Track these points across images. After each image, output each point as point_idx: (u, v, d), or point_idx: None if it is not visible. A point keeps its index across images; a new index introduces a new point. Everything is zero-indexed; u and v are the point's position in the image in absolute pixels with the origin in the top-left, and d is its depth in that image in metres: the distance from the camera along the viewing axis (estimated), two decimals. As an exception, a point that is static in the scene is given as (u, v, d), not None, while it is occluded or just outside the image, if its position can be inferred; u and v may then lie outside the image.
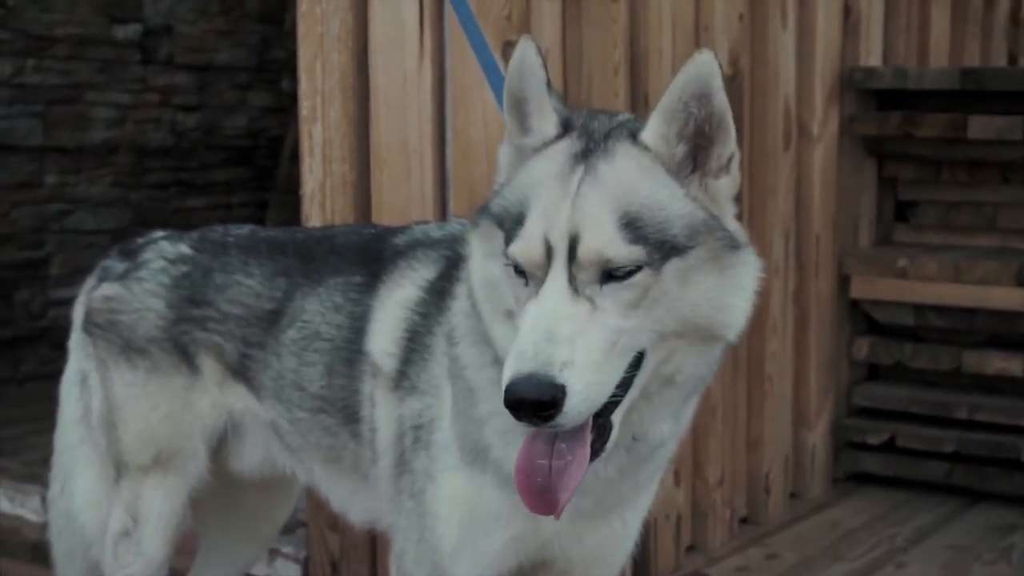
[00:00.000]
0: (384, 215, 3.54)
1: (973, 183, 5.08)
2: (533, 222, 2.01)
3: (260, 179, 7.98)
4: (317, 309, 2.64)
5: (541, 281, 1.99)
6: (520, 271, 2.02)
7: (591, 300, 1.97)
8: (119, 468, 2.86)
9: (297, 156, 3.90)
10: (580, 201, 2.00)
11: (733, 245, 2.08)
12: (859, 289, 5.01)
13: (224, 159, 7.81)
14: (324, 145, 3.69)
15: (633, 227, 1.99)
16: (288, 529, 3.76)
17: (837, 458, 5.05)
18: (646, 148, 2.09)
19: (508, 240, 2.04)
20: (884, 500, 4.89)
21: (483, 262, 2.15)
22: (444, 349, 2.37)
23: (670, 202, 2.04)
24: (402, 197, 3.57)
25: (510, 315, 2.09)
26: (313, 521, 3.86)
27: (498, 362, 2.20)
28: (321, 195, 3.71)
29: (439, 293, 2.42)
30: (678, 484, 4.15)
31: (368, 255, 2.64)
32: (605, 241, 1.98)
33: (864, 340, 5.08)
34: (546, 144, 2.12)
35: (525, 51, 2.10)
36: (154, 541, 2.84)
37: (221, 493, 2.98)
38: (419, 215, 3.45)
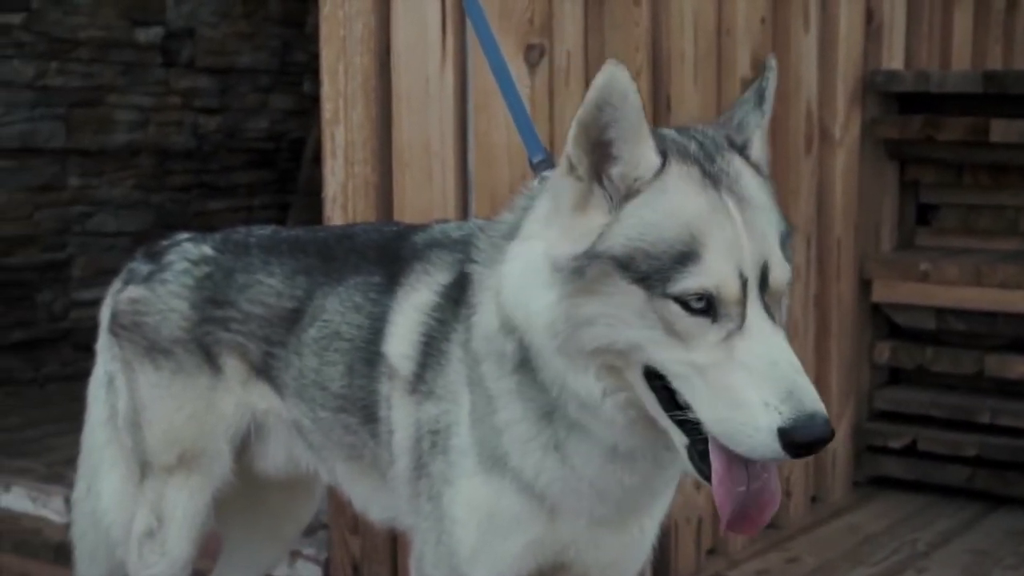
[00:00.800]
0: (406, 217, 3.54)
1: (995, 186, 5.07)
2: (718, 257, 1.97)
3: (282, 181, 8.00)
4: (337, 308, 2.64)
5: (738, 316, 1.98)
6: (697, 309, 1.98)
7: (782, 324, 2.03)
8: (144, 468, 2.87)
9: (319, 158, 3.90)
10: (752, 230, 2.01)
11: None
12: (880, 293, 5.00)
13: (246, 161, 7.84)
14: (346, 147, 3.69)
15: (783, 245, 2.06)
16: (309, 531, 3.77)
17: (858, 462, 5.04)
18: (756, 164, 2.15)
19: (664, 280, 1.97)
20: (905, 504, 4.88)
21: (568, 301, 2.06)
22: (461, 356, 2.36)
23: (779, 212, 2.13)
24: (424, 200, 3.58)
25: (595, 354, 2.06)
26: (334, 523, 3.87)
27: (517, 371, 2.21)
28: (343, 197, 3.72)
29: (455, 299, 2.41)
30: (699, 488, 4.14)
31: (388, 254, 2.63)
32: (784, 265, 2.04)
33: (885, 344, 5.07)
34: (656, 175, 2.05)
35: (614, 74, 2.01)
36: (178, 541, 2.85)
37: (244, 494, 2.99)
38: (441, 218, 3.45)
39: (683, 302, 1.97)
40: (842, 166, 4.80)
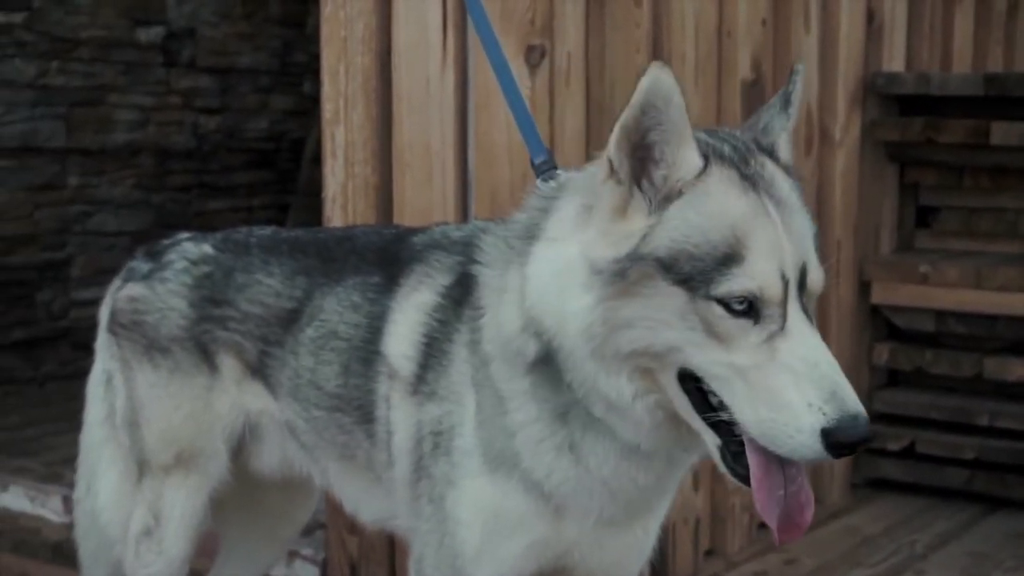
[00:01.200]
0: (406, 218, 3.54)
1: (995, 189, 5.07)
2: (761, 259, 2.00)
3: (282, 182, 8.01)
4: (335, 308, 2.64)
5: (780, 318, 2.00)
6: (740, 311, 1.99)
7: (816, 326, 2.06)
8: (142, 467, 2.87)
9: (319, 159, 3.90)
10: (791, 232, 2.04)
11: None
12: (880, 295, 5.00)
13: (246, 162, 7.84)
14: (347, 148, 3.69)
15: (816, 247, 2.09)
16: (307, 531, 3.77)
17: (856, 464, 5.04)
18: (786, 167, 2.18)
19: (708, 282, 1.99)
20: (903, 506, 4.88)
21: (606, 304, 2.06)
22: (465, 356, 2.36)
23: None
24: (424, 200, 3.58)
25: (631, 356, 2.07)
26: (332, 523, 3.86)
27: (531, 372, 2.21)
28: (343, 198, 3.72)
29: (457, 300, 2.41)
30: (697, 489, 4.14)
31: (387, 256, 2.63)
32: (820, 267, 2.07)
33: (884, 346, 5.07)
34: (698, 177, 2.06)
35: (659, 78, 2.01)
36: (175, 540, 2.85)
37: (242, 494, 2.99)
38: (441, 218, 3.45)
39: (725, 304, 1.99)
40: (842, 168, 4.80)
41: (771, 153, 2.18)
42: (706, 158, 2.07)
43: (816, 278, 2.07)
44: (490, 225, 2.45)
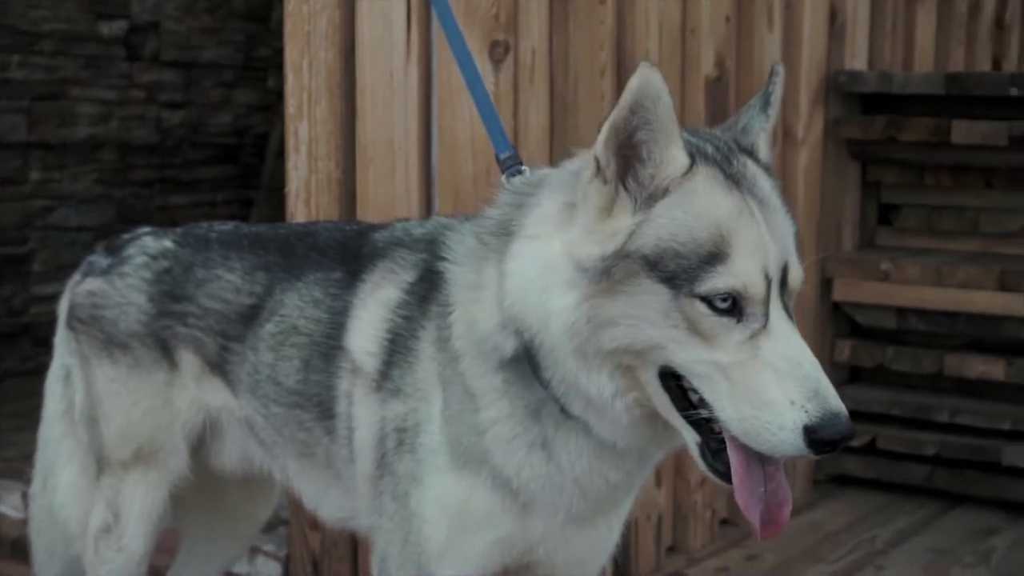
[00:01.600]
0: (369, 213, 3.54)
1: (956, 187, 5.11)
2: (745, 257, 2.01)
3: (245, 177, 7.97)
4: (296, 304, 2.63)
5: (762, 316, 2.02)
6: (723, 309, 2.01)
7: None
8: (100, 463, 2.86)
9: (282, 154, 3.89)
10: (774, 231, 2.05)
11: None
12: (841, 292, 5.03)
13: (209, 156, 7.80)
14: (310, 143, 3.68)
15: (796, 245, 2.12)
16: (269, 527, 3.76)
17: (818, 460, 5.05)
18: (767, 167, 2.19)
19: (692, 280, 2.00)
20: (865, 502, 4.91)
21: (591, 302, 2.06)
22: (432, 353, 2.35)
23: None
24: (387, 195, 3.57)
25: (613, 354, 2.08)
26: (294, 519, 3.85)
27: (503, 369, 2.22)
28: (306, 193, 3.70)
29: (422, 296, 2.41)
30: (659, 485, 4.15)
31: (349, 252, 2.62)
32: (800, 266, 2.09)
33: (846, 342, 5.09)
34: (685, 176, 2.07)
35: (648, 78, 2.03)
36: (135, 537, 2.84)
37: (203, 491, 2.98)
38: (404, 213, 3.45)
39: (709, 301, 2.00)
40: (804, 165, 4.82)
41: (751, 153, 2.20)
42: (692, 157, 2.08)
43: (797, 277, 2.09)
44: (453, 222, 2.45)
